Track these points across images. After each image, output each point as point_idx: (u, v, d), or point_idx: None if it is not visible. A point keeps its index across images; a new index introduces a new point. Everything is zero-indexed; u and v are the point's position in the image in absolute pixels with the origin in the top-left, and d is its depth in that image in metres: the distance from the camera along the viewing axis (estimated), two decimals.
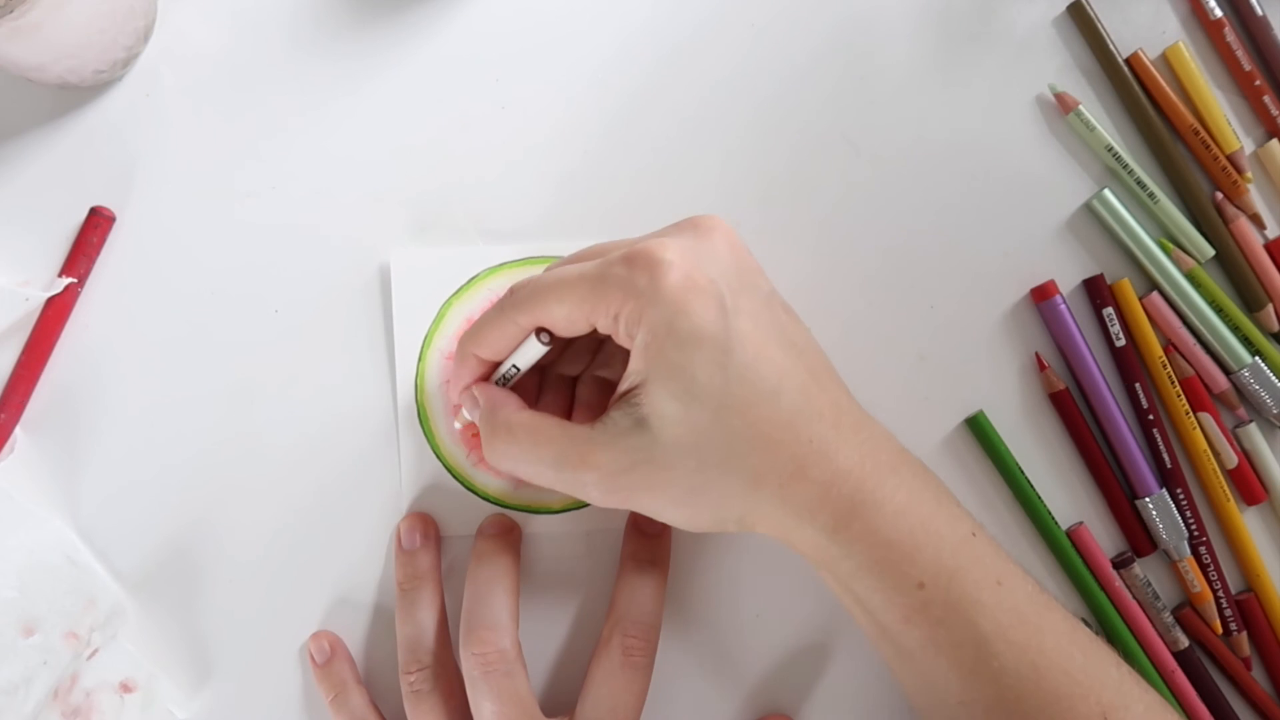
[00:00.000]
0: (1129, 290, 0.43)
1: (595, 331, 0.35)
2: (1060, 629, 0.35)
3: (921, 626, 0.34)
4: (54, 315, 0.41)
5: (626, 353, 0.34)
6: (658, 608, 0.40)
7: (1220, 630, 0.43)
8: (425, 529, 0.41)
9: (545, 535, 0.42)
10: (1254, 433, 0.43)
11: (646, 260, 0.33)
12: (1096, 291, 0.43)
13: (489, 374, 0.38)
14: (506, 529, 0.41)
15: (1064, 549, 0.42)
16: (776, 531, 0.35)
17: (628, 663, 0.39)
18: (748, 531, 0.35)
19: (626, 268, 0.33)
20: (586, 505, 0.42)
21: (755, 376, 0.33)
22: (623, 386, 0.34)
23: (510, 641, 0.38)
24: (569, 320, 0.34)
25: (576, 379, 0.40)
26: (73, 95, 0.42)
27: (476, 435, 0.41)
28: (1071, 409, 0.43)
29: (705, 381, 0.32)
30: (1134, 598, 0.42)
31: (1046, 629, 0.35)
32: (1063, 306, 0.42)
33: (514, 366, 0.37)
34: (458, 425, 0.41)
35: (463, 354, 0.38)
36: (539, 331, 0.35)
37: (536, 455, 0.35)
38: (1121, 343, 0.43)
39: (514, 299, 0.35)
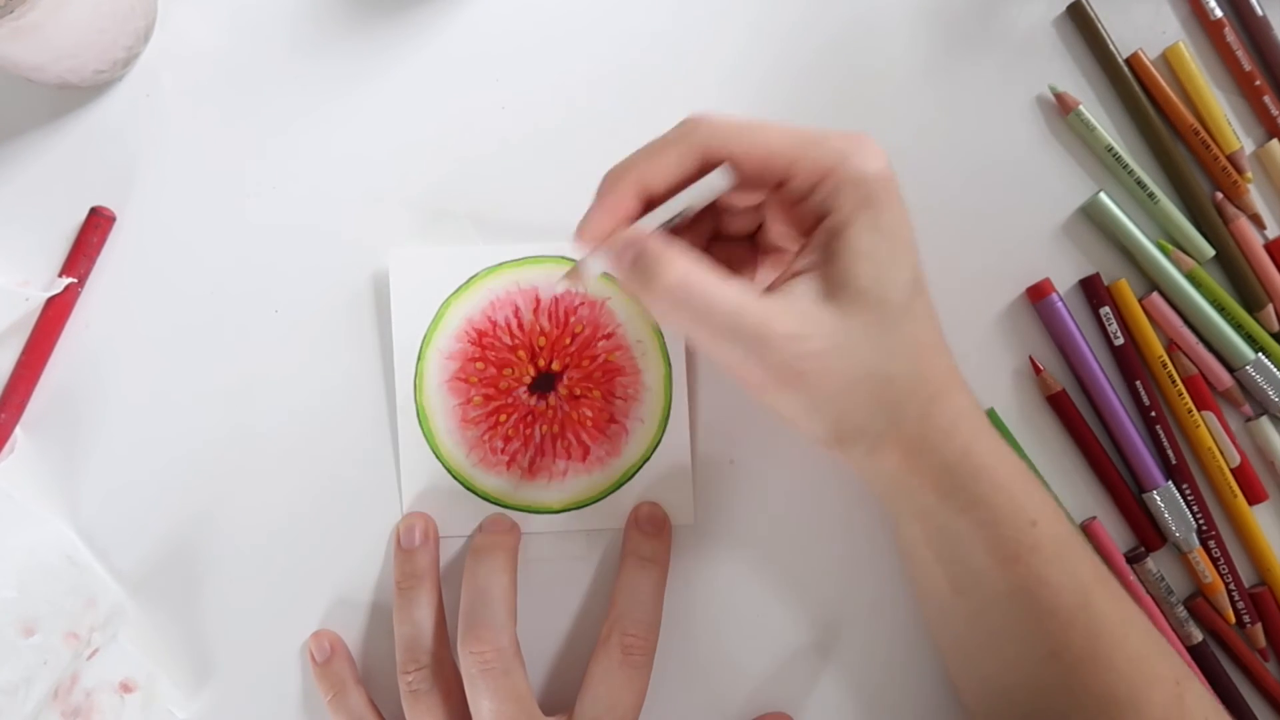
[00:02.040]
0: (1126, 290, 0.43)
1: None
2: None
3: (1030, 565, 0.34)
4: (54, 315, 0.41)
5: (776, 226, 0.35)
6: (657, 607, 0.40)
7: (1233, 619, 0.43)
8: (424, 528, 0.41)
9: (544, 535, 0.42)
10: (1266, 426, 0.43)
11: (862, 144, 0.33)
12: (1093, 291, 0.43)
13: (635, 217, 0.34)
14: (505, 528, 0.41)
15: None
16: (905, 453, 0.34)
17: (627, 661, 0.39)
18: (872, 456, 0.34)
19: (845, 142, 0.33)
20: (586, 505, 0.42)
21: (923, 294, 0.34)
22: (797, 266, 0.34)
23: (508, 639, 0.38)
24: (766, 162, 0.33)
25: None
26: (73, 95, 0.42)
27: (478, 409, 0.41)
28: (1070, 409, 0.43)
29: (897, 276, 0.33)
30: (1148, 592, 0.42)
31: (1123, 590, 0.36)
32: (1060, 305, 0.42)
33: (680, 212, 0.33)
34: (560, 288, 0.36)
35: (615, 186, 0.34)
36: (726, 165, 0.32)
37: (712, 313, 0.32)
38: (1120, 341, 0.43)
39: (705, 126, 0.33)
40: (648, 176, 0.33)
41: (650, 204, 0.34)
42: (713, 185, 0.33)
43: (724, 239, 0.39)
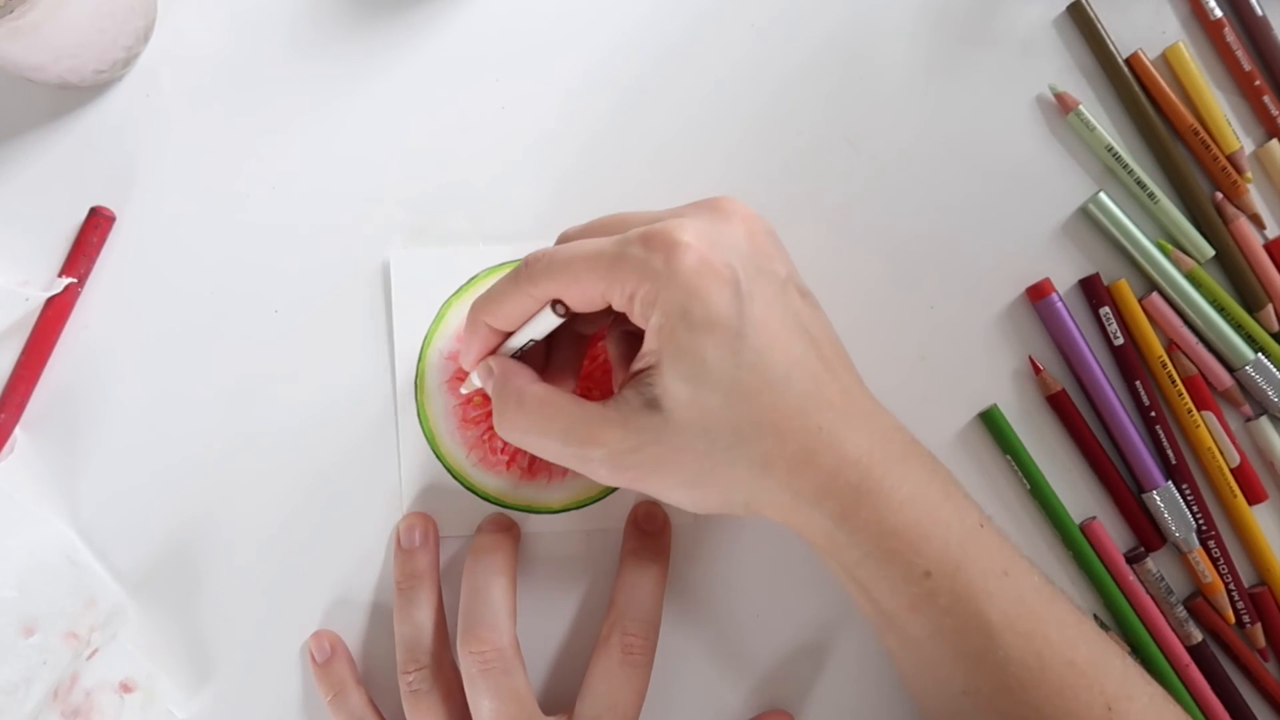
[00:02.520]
0: (1126, 290, 0.43)
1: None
2: (1066, 620, 0.35)
3: (927, 615, 0.34)
4: (54, 315, 0.41)
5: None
6: (657, 605, 0.40)
7: (1233, 619, 0.43)
8: (424, 528, 0.41)
9: (544, 534, 0.42)
10: (1266, 426, 0.43)
11: (663, 241, 0.32)
12: (1093, 291, 0.43)
13: (499, 344, 0.38)
14: (505, 527, 0.41)
15: (1078, 544, 0.42)
16: (783, 517, 0.35)
17: (627, 660, 0.39)
18: (754, 515, 0.35)
19: (643, 247, 0.33)
20: (586, 505, 0.42)
21: (767, 363, 0.33)
22: (636, 366, 0.34)
23: (508, 639, 0.38)
24: (584, 296, 0.34)
25: (589, 337, 0.40)
26: (73, 95, 0.42)
27: (478, 409, 0.41)
28: (1070, 409, 0.43)
29: (716, 366, 0.32)
30: (1147, 592, 0.42)
31: (1052, 620, 0.35)
32: (1059, 305, 0.42)
33: (529, 339, 0.37)
34: (463, 391, 0.40)
35: (474, 323, 0.37)
36: (554, 304, 0.35)
37: (546, 428, 0.35)
38: (1120, 341, 0.43)
39: (529, 271, 0.35)
40: (494, 319, 0.36)
41: (509, 333, 0.37)
42: (545, 322, 0.35)
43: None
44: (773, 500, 0.34)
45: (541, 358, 0.39)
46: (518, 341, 0.37)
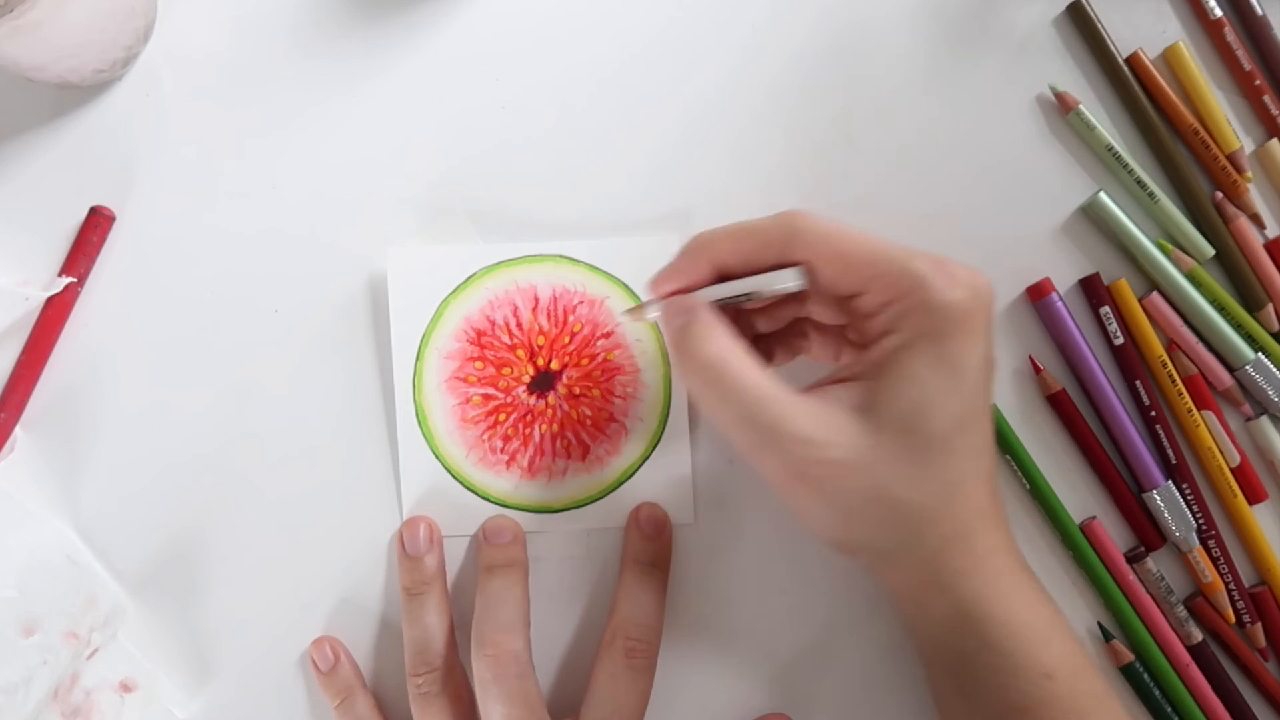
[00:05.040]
0: (1126, 290, 0.43)
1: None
2: None
3: (1039, 718, 0.33)
4: (54, 315, 0.41)
5: (840, 336, 0.34)
6: (659, 609, 0.40)
7: (1233, 619, 0.43)
8: (429, 533, 0.41)
9: (544, 534, 0.42)
10: (1266, 426, 0.43)
11: (949, 272, 0.32)
12: (1093, 291, 0.43)
13: (700, 286, 0.35)
14: (511, 538, 0.41)
15: (1078, 544, 0.42)
16: (913, 586, 0.34)
17: (630, 664, 0.39)
18: (872, 577, 0.35)
19: (931, 268, 0.32)
20: (586, 504, 0.42)
21: (976, 431, 0.33)
22: (843, 374, 0.34)
23: (522, 645, 0.38)
24: (842, 278, 0.33)
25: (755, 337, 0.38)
26: (73, 95, 0.42)
27: (477, 409, 0.41)
28: (1070, 408, 0.43)
29: (941, 408, 0.32)
30: (1148, 592, 0.42)
31: None
32: (1059, 304, 0.42)
33: (746, 295, 0.34)
34: (620, 319, 0.37)
35: (696, 253, 0.35)
36: (801, 268, 0.33)
37: (736, 396, 0.33)
38: (1120, 341, 0.43)
39: (795, 227, 0.33)
40: (727, 254, 0.34)
41: (724, 276, 0.35)
42: (782, 282, 0.33)
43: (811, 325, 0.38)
44: (912, 562, 0.34)
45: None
46: (729, 292, 0.34)
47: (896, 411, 0.32)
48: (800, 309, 0.37)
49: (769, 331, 0.38)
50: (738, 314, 0.37)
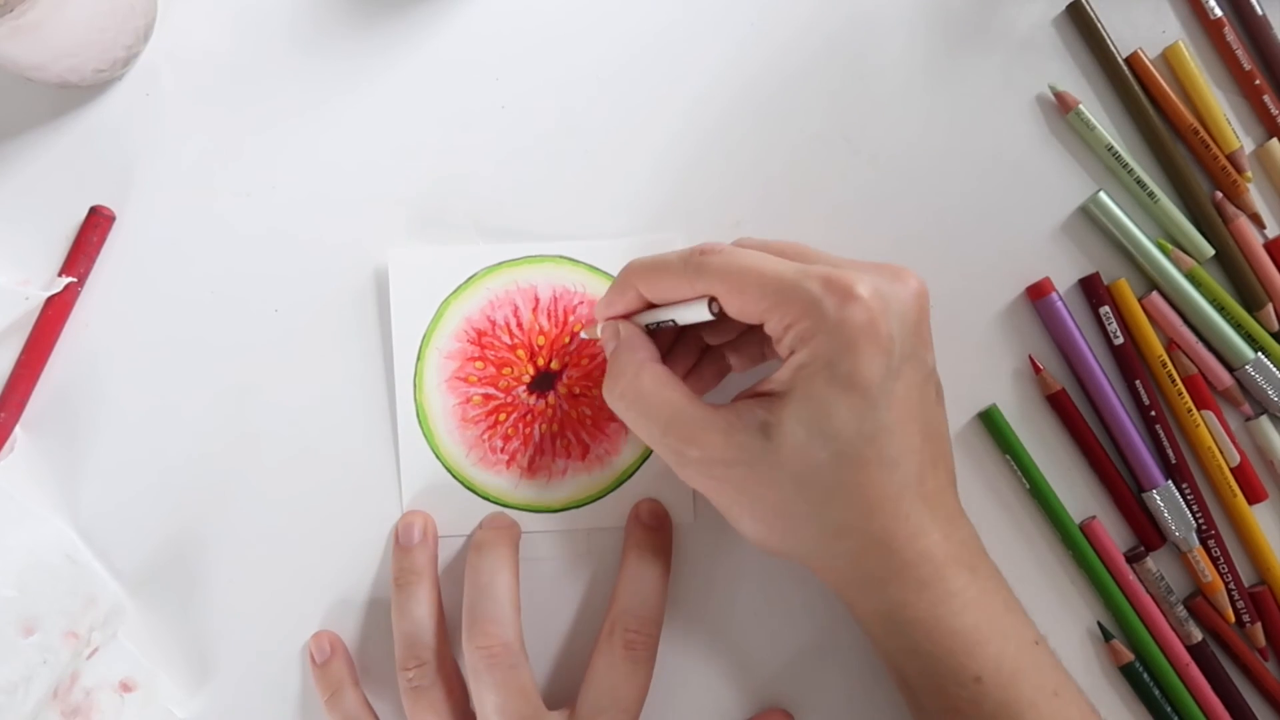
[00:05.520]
0: (1126, 290, 0.43)
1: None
2: None
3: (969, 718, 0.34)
4: (54, 315, 0.41)
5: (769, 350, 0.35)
6: (660, 601, 0.40)
7: (1232, 619, 0.43)
8: (423, 526, 0.41)
9: (544, 534, 0.42)
10: (1265, 425, 0.43)
11: (842, 288, 0.33)
12: (1093, 291, 0.43)
13: (637, 312, 0.38)
14: (505, 523, 0.41)
15: (1078, 544, 0.42)
16: (837, 585, 0.36)
17: (629, 655, 0.39)
18: (807, 569, 0.36)
19: (821, 287, 0.33)
20: (586, 504, 0.42)
21: (885, 442, 0.33)
22: (761, 388, 0.35)
23: (514, 634, 0.38)
24: (744, 308, 0.34)
25: (706, 349, 0.40)
26: (73, 95, 0.42)
27: (477, 409, 0.41)
28: (1070, 408, 0.43)
29: (840, 425, 0.33)
30: (1147, 592, 0.42)
31: None
32: (1059, 304, 0.42)
33: (671, 320, 0.37)
34: (583, 335, 0.41)
35: (626, 284, 0.37)
36: (711, 301, 0.35)
37: (651, 412, 0.35)
38: (1120, 341, 0.43)
39: (701, 262, 0.35)
40: (648, 289, 0.37)
41: (653, 306, 0.37)
42: (695, 314, 0.36)
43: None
44: (835, 568, 0.35)
45: (667, 343, 0.39)
46: (655, 318, 0.37)
47: (795, 431, 0.33)
48: (740, 326, 0.39)
49: (719, 344, 0.40)
50: (681, 331, 0.40)
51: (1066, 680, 0.36)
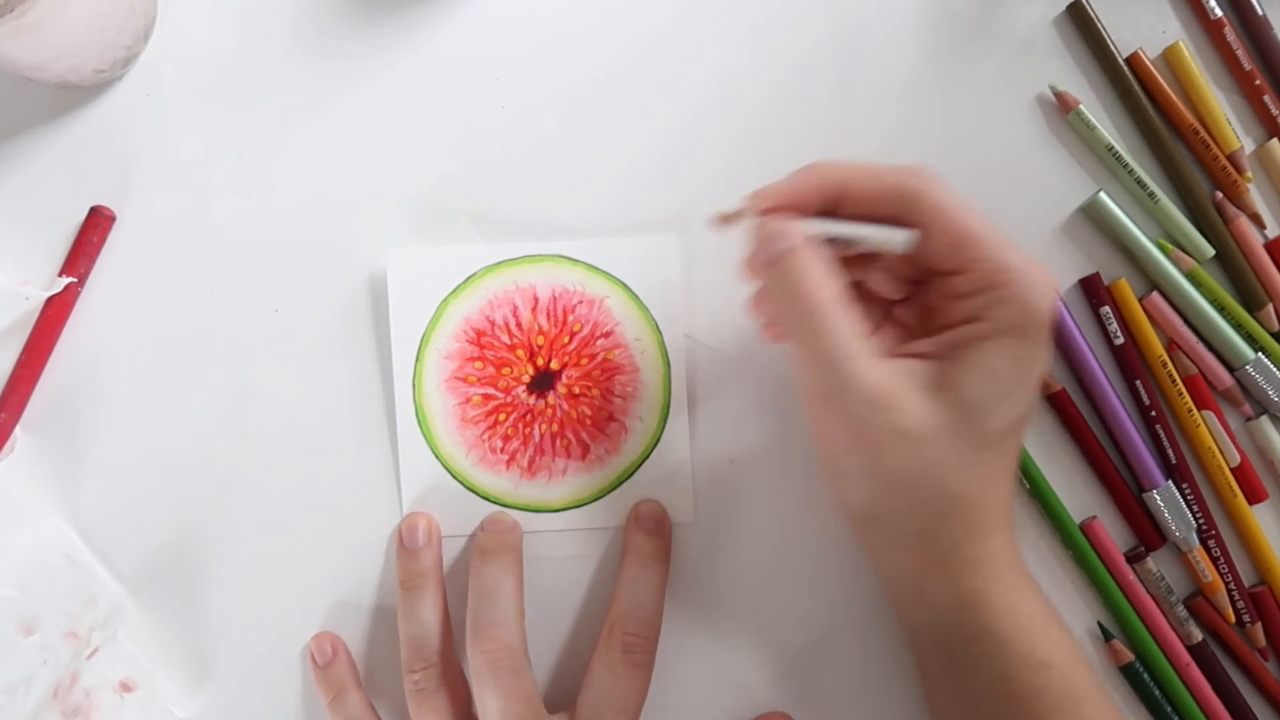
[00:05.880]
0: (1126, 290, 0.43)
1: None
2: None
3: (1032, 708, 0.34)
4: (54, 315, 0.41)
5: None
6: (658, 604, 0.40)
7: (1233, 619, 0.43)
8: (427, 528, 0.41)
9: (544, 534, 0.42)
10: (1266, 426, 0.43)
11: (1050, 285, 0.33)
12: (1093, 291, 0.43)
13: (808, 211, 0.34)
14: (507, 527, 0.41)
15: (1078, 544, 0.42)
16: (914, 569, 0.35)
17: (628, 659, 0.39)
18: (873, 555, 0.36)
19: (1030, 266, 0.33)
20: (586, 504, 0.42)
21: (1020, 435, 0.34)
22: (922, 348, 0.34)
23: (518, 638, 0.38)
24: (951, 252, 0.33)
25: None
26: (73, 95, 0.42)
27: (477, 409, 0.41)
28: (1070, 408, 0.43)
29: (1004, 410, 0.33)
30: (1148, 592, 0.42)
31: None
32: (1059, 304, 0.42)
33: (851, 237, 0.33)
34: (718, 218, 0.35)
35: (810, 176, 0.34)
36: (916, 232, 0.33)
37: (816, 339, 0.33)
38: (1120, 341, 0.43)
39: (917, 185, 0.33)
40: (847, 188, 0.34)
41: (828, 211, 0.34)
42: (892, 240, 0.33)
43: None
44: (930, 545, 0.34)
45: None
46: (832, 230, 0.33)
47: (967, 400, 0.33)
48: (860, 273, 0.37)
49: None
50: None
51: (1101, 680, 0.36)
